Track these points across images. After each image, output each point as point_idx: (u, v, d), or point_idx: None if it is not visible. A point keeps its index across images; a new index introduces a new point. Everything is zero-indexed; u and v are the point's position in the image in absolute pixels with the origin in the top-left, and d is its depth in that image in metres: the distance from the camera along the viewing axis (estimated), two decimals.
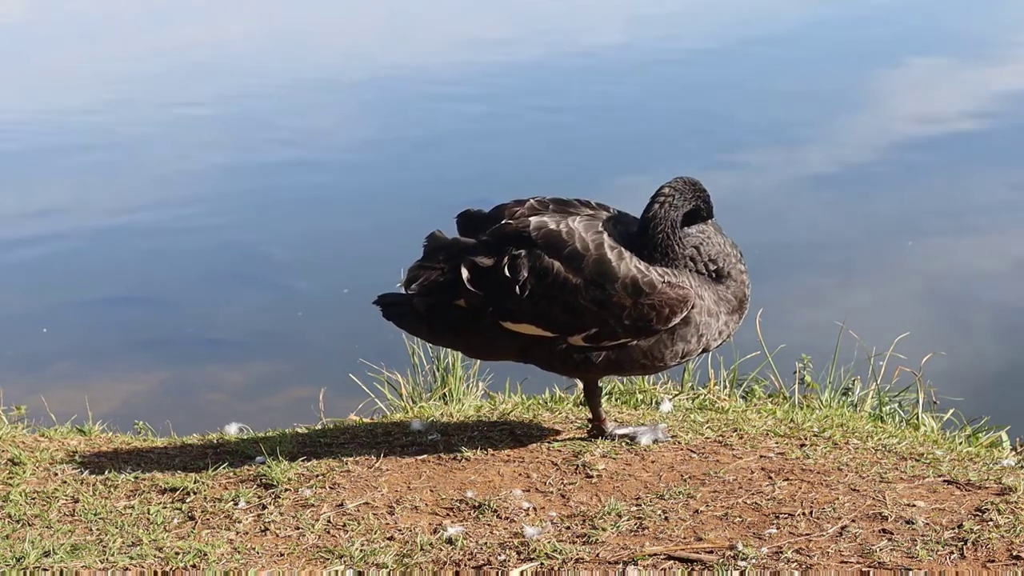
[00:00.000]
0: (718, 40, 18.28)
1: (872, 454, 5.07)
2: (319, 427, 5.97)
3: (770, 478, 4.85)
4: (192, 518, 4.84)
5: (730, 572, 4.14)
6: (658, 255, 4.88)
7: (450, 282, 4.96)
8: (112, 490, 5.12)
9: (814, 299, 9.65)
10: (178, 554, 4.51)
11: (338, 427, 5.82)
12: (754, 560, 4.20)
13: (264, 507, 4.87)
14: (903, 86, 15.51)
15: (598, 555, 4.31)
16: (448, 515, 4.73)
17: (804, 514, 4.51)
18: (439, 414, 5.84)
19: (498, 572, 4.27)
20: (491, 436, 5.42)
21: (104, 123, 15.87)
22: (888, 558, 4.15)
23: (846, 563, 4.15)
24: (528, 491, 4.87)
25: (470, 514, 4.72)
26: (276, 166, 13.76)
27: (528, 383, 6.43)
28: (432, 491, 4.92)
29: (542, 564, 4.29)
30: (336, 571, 4.34)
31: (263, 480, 5.06)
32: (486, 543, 4.47)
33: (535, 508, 4.73)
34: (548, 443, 5.30)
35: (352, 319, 9.38)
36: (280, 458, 5.22)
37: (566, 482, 4.92)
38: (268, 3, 24.85)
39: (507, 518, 4.66)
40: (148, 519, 4.84)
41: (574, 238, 4.85)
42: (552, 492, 4.85)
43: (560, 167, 12.97)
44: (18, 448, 5.62)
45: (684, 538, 4.40)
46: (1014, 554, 4.12)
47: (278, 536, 4.66)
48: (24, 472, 5.35)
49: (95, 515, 4.89)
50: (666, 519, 4.55)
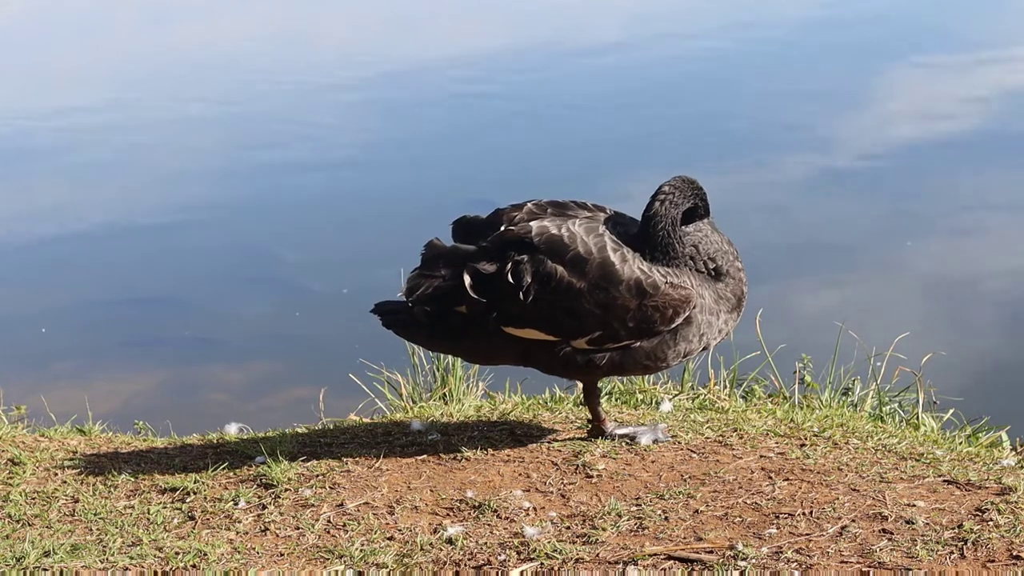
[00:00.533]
0: (718, 39, 18.28)
1: (872, 454, 5.07)
2: (319, 427, 5.96)
3: (770, 478, 4.85)
4: (192, 518, 4.84)
5: (730, 572, 4.14)
6: (659, 253, 4.89)
7: (451, 289, 4.94)
8: (112, 490, 5.12)
9: (814, 299, 9.66)
10: (178, 554, 4.51)
11: (338, 427, 5.82)
12: (754, 560, 4.20)
13: (264, 507, 4.87)
14: (903, 86, 15.50)
15: (598, 555, 4.31)
16: (448, 515, 4.73)
17: (804, 514, 4.51)
18: (439, 414, 5.84)
19: (498, 572, 4.27)
20: (491, 436, 5.42)
21: (104, 123, 15.85)
22: (888, 558, 4.15)
23: (846, 563, 4.15)
24: (528, 491, 4.87)
25: (470, 514, 4.72)
26: (276, 166, 13.74)
27: (528, 383, 6.43)
28: (432, 491, 4.92)
29: (542, 564, 4.29)
30: (336, 571, 4.34)
31: (263, 480, 5.06)
32: (486, 543, 4.47)
33: (535, 508, 4.73)
34: (548, 443, 5.30)
35: (352, 319, 9.37)
36: (280, 458, 5.22)
37: (566, 482, 4.92)
38: (268, 3, 24.83)
39: (507, 518, 4.66)
40: (148, 519, 4.84)
41: (576, 242, 4.85)
42: (552, 492, 4.85)
43: (560, 167, 12.97)
44: (18, 448, 5.62)
45: (684, 538, 4.40)
46: (1014, 554, 4.12)
47: (278, 536, 4.66)
48: (24, 472, 5.35)
49: (95, 515, 4.89)
50: (666, 519, 4.55)
